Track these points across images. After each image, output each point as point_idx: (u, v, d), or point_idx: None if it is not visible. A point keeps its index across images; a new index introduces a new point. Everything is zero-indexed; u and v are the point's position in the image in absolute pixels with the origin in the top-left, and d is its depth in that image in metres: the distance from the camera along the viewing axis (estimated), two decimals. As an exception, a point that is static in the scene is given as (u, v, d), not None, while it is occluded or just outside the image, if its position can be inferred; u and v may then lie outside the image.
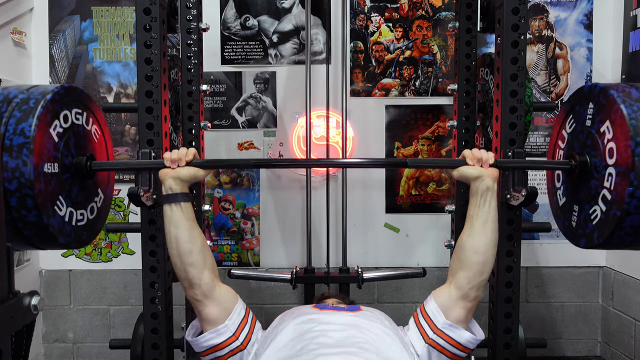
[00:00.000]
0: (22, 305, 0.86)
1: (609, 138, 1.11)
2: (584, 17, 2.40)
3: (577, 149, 1.25)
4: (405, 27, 2.42)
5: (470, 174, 1.25)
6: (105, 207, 1.38)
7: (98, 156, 1.32)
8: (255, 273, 2.22)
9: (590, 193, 1.17)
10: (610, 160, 1.10)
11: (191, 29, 1.93)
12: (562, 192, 1.34)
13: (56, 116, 1.13)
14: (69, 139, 1.19)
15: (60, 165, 1.14)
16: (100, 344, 2.49)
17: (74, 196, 1.20)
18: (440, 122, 2.43)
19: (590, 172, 1.18)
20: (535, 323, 2.49)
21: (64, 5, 2.39)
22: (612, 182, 1.09)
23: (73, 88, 1.22)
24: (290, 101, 2.43)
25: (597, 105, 1.16)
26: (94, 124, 1.31)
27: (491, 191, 1.24)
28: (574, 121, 1.28)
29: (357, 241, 2.44)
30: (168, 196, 1.24)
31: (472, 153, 1.27)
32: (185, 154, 1.26)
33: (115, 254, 2.48)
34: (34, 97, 1.09)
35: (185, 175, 1.25)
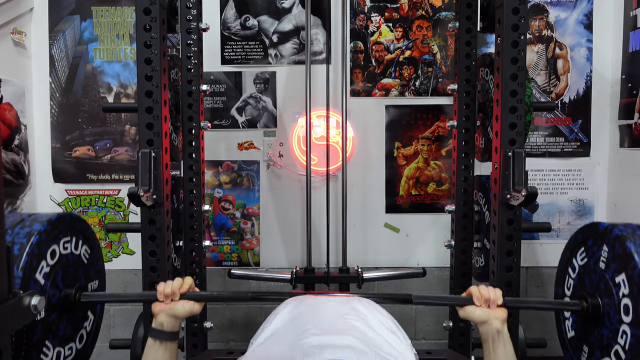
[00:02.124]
0: (22, 305, 0.85)
1: (625, 293, 1.05)
2: (584, 17, 2.40)
3: (588, 288, 1.20)
4: (405, 27, 2.42)
5: (477, 317, 1.18)
6: (97, 328, 1.31)
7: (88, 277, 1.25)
8: (255, 273, 2.22)
9: (602, 341, 1.13)
10: (625, 317, 1.05)
11: (191, 29, 1.93)
12: (571, 325, 1.30)
13: (43, 257, 1.05)
14: (57, 274, 1.10)
15: (46, 307, 1.05)
16: (100, 344, 2.47)
17: (61, 333, 1.12)
18: (440, 122, 2.43)
19: (603, 319, 1.13)
20: (535, 323, 2.49)
21: (64, 5, 2.39)
22: (627, 342, 1.04)
23: (62, 217, 1.14)
24: (290, 101, 2.43)
25: (613, 252, 1.11)
26: (83, 245, 1.23)
27: (502, 334, 1.16)
28: (586, 256, 1.23)
29: (357, 241, 2.44)
30: (157, 332, 1.17)
31: (480, 292, 1.19)
32: (179, 287, 1.19)
33: (115, 254, 2.48)
34: (18, 241, 1.00)
35: (180, 311, 1.18)
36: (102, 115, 2.41)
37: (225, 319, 2.50)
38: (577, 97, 2.42)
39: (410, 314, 2.49)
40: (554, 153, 2.44)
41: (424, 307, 2.49)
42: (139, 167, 1.40)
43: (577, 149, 2.43)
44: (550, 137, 2.44)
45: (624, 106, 2.30)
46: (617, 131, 2.35)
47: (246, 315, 2.49)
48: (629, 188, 2.29)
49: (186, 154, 1.97)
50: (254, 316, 2.47)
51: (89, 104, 2.41)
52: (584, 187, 2.45)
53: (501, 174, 1.43)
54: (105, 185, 2.45)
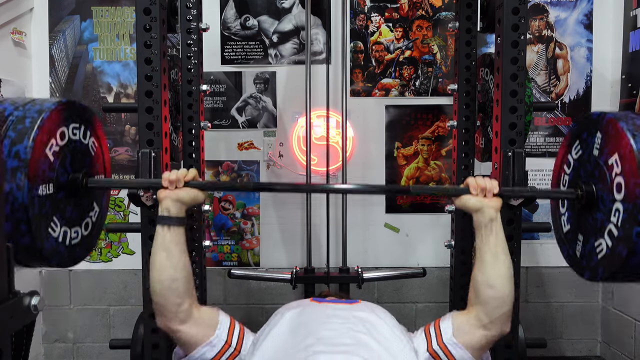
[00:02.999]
0: (22, 305, 0.86)
1: (617, 172, 1.07)
2: (584, 17, 2.40)
3: (583, 178, 1.22)
4: (405, 27, 2.42)
5: (472, 204, 1.21)
6: (101, 220, 1.34)
7: (95, 170, 1.28)
8: (255, 273, 2.22)
9: (595, 225, 1.15)
10: (618, 195, 1.07)
11: (191, 29, 1.93)
12: (567, 219, 1.31)
13: (53, 135, 1.09)
14: (65, 156, 1.14)
15: (55, 184, 1.10)
16: (100, 344, 2.49)
17: (68, 214, 1.16)
18: (440, 122, 2.44)
19: (597, 203, 1.15)
20: (535, 323, 2.49)
21: (64, 5, 2.39)
22: (619, 219, 1.06)
23: (71, 102, 1.18)
24: (290, 101, 2.43)
25: (606, 136, 1.13)
26: (91, 137, 1.27)
27: (495, 222, 1.19)
28: (580, 148, 1.24)
29: (357, 241, 2.44)
30: (163, 218, 1.20)
31: (476, 181, 1.22)
32: (184, 175, 1.22)
33: (115, 254, 2.48)
34: (29, 115, 1.04)
35: (185, 197, 1.21)
36: (102, 115, 2.41)
37: (225, 319, 2.50)
38: (577, 97, 2.43)
39: (411, 314, 2.50)
40: (554, 153, 2.44)
41: (424, 307, 2.49)
42: (139, 167, 1.40)
43: (577, 149, 2.43)
44: (550, 137, 2.44)
45: (624, 106, 2.30)
46: (617, 131, 2.35)
47: (246, 316, 2.49)
48: (629, 188, 2.29)
49: (186, 154, 1.97)
50: (255, 316, 2.47)
51: (89, 104, 2.41)
52: (584, 187, 2.45)
53: (501, 174, 1.43)
54: (105, 185, 2.45)
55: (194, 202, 1.23)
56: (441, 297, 2.43)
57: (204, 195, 1.25)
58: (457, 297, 1.94)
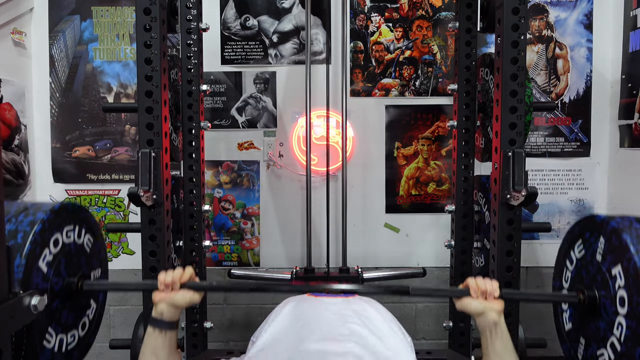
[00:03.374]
0: (22, 305, 0.85)
1: (621, 285, 1.06)
2: (584, 17, 2.40)
3: (585, 280, 1.21)
4: (405, 27, 2.42)
5: (473, 308, 1.19)
6: (98, 316, 1.32)
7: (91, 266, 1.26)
8: (255, 273, 2.22)
9: (598, 334, 1.14)
10: (621, 309, 1.06)
11: (191, 29, 1.93)
12: (569, 317, 1.30)
13: (46, 245, 1.06)
14: (60, 262, 1.11)
15: (49, 295, 1.06)
16: (100, 344, 2.48)
17: (63, 320, 1.13)
18: (440, 122, 2.43)
19: (599, 311, 1.14)
20: (535, 323, 2.49)
21: (64, 5, 2.39)
22: (622, 334, 1.05)
23: (64, 207, 1.14)
24: (290, 101, 2.43)
25: (609, 244, 1.12)
26: (86, 234, 1.24)
27: (499, 325, 1.17)
28: (583, 248, 1.24)
29: (357, 241, 2.43)
30: (156, 321, 1.19)
31: (477, 284, 1.20)
32: (180, 277, 1.20)
33: (115, 254, 2.48)
34: (22, 229, 1.01)
35: (181, 301, 1.19)
36: (102, 115, 2.41)
37: (225, 319, 2.50)
38: (577, 97, 2.42)
39: (410, 314, 2.50)
40: (554, 153, 2.44)
41: (424, 307, 2.49)
42: (139, 167, 1.40)
43: (577, 149, 2.43)
44: (550, 137, 2.44)
45: (624, 106, 2.30)
46: (617, 131, 2.35)
47: (246, 315, 2.49)
48: (629, 188, 2.29)
49: (186, 154, 1.97)
50: (254, 316, 2.47)
51: (89, 104, 2.41)
52: (584, 187, 2.45)
53: (501, 174, 1.43)
54: (105, 185, 2.45)
55: (190, 304, 1.21)
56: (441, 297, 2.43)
57: (199, 297, 1.23)
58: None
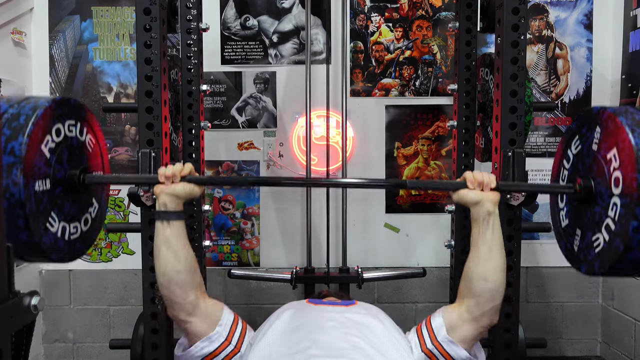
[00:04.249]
0: (22, 305, 0.86)
1: (616, 167, 1.07)
2: (584, 17, 2.40)
3: (582, 172, 1.22)
4: (405, 27, 2.42)
5: (470, 198, 1.22)
6: (101, 216, 1.34)
7: (92, 166, 1.29)
8: (255, 273, 2.22)
9: (594, 219, 1.15)
10: (615, 189, 1.07)
11: (191, 29, 1.93)
12: (565, 214, 1.31)
13: (48, 131, 1.09)
14: (62, 152, 1.15)
15: (52, 180, 1.10)
16: (100, 344, 2.49)
17: (66, 210, 1.17)
18: (440, 122, 2.44)
19: (595, 198, 1.15)
20: (535, 323, 2.49)
21: (64, 5, 2.39)
22: (617, 213, 1.06)
23: (66, 100, 1.18)
24: (290, 101, 2.43)
25: (605, 131, 1.13)
26: (88, 134, 1.27)
27: (493, 215, 1.20)
28: (580, 143, 1.24)
29: (357, 241, 2.43)
30: (161, 213, 1.22)
31: (473, 176, 1.23)
32: (180, 170, 1.24)
33: (115, 254, 2.48)
34: (24, 112, 1.04)
35: (181, 192, 1.23)
36: (102, 115, 2.41)
37: (225, 319, 2.50)
38: (577, 97, 2.43)
39: (410, 314, 2.50)
40: (554, 153, 2.42)
41: (424, 307, 2.49)
42: (139, 167, 1.40)
43: (577, 149, 2.43)
44: (550, 137, 2.44)
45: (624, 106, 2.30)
46: (617, 131, 2.35)
47: (246, 316, 2.48)
48: (629, 188, 2.29)
49: (186, 154, 1.97)
50: (254, 316, 2.47)
51: (89, 104, 2.41)
52: (584, 187, 2.45)
53: (501, 174, 1.43)
54: (105, 185, 2.45)
55: (190, 196, 1.25)
56: (441, 297, 2.43)
57: (199, 190, 1.27)
58: (457, 297, 1.94)
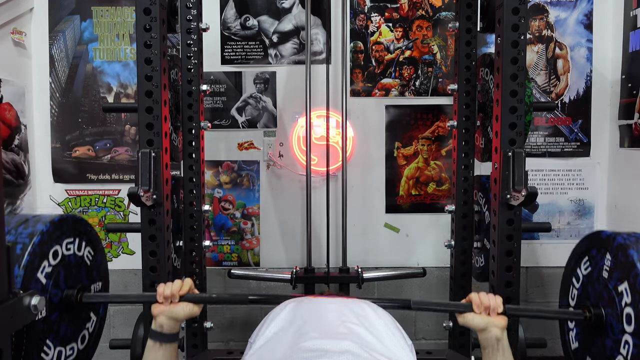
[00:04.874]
0: (22, 305, 0.85)
1: (627, 302, 1.06)
2: (584, 17, 2.40)
3: (592, 298, 1.20)
4: (405, 27, 2.42)
5: (476, 324, 1.18)
6: (98, 329, 1.31)
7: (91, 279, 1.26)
8: (255, 273, 2.22)
9: (605, 352, 1.13)
10: (627, 327, 1.05)
11: (191, 29, 1.93)
12: (575, 336, 1.30)
13: (45, 257, 1.07)
14: (59, 274, 1.12)
15: (47, 307, 1.07)
16: (101, 344, 2.47)
17: (62, 333, 1.13)
18: (440, 122, 2.43)
19: (606, 329, 1.14)
20: (535, 323, 2.49)
21: (64, 5, 2.39)
22: (629, 353, 1.04)
23: (63, 220, 1.15)
24: (290, 101, 2.43)
25: (616, 261, 1.11)
26: (86, 247, 1.25)
27: (501, 341, 1.17)
28: (590, 266, 1.23)
29: (357, 241, 2.44)
30: (156, 333, 1.19)
31: (480, 299, 1.19)
32: (179, 289, 1.20)
33: (115, 254, 2.48)
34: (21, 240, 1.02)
35: (180, 313, 1.20)
36: (102, 115, 2.41)
37: (225, 319, 2.50)
38: (577, 97, 2.42)
39: (410, 314, 2.49)
40: (554, 153, 2.44)
41: (424, 307, 2.48)
42: (139, 167, 1.40)
43: (577, 149, 2.43)
44: (550, 137, 2.44)
45: (624, 106, 2.30)
46: (617, 131, 2.35)
47: (246, 315, 2.49)
48: (629, 188, 2.29)
49: (186, 154, 1.97)
50: (254, 316, 2.47)
51: (89, 104, 2.41)
52: (584, 187, 2.45)
53: (501, 174, 1.43)
54: (105, 185, 2.45)
55: (189, 316, 1.22)
56: (441, 297, 2.43)
57: (199, 309, 1.23)
58: (457, 297, 1.94)
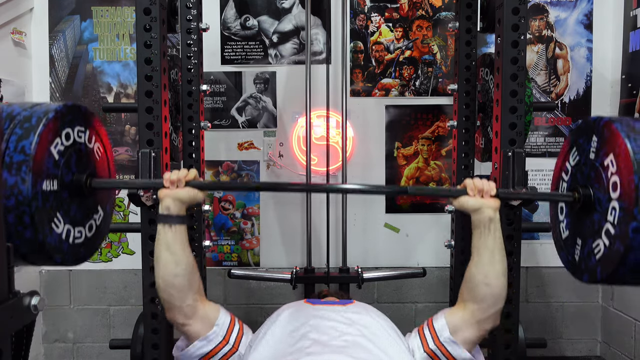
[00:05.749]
0: (22, 305, 0.86)
1: (613, 171, 1.08)
2: (584, 17, 2.40)
3: (580, 182, 1.22)
4: (405, 27, 2.42)
5: (470, 205, 1.23)
6: (105, 224, 1.34)
7: (99, 173, 1.30)
8: (255, 273, 2.22)
9: (593, 227, 1.15)
10: (613, 194, 1.08)
11: (191, 29, 1.93)
12: (566, 226, 1.31)
13: (58, 134, 1.12)
14: (70, 156, 1.17)
15: (59, 182, 1.13)
16: (100, 344, 2.49)
17: (72, 214, 1.18)
18: (440, 122, 2.44)
19: (594, 205, 1.15)
20: (535, 323, 2.49)
21: (64, 5, 2.39)
22: (616, 217, 1.06)
23: (76, 106, 1.21)
24: (290, 101, 2.43)
25: (601, 139, 1.14)
26: (96, 142, 1.29)
27: (494, 222, 1.22)
28: (577, 154, 1.25)
29: (357, 241, 2.44)
30: (163, 216, 1.22)
31: (474, 183, 1.24)
32: (185, 175, 1.24)
33: (115, 254, 2.48)
34: (36, 115, 1.08)
35: (184, 196, 1.23)
36: (102, 115, 2.41)
37: (225, 319, 2.50)
38: (577, 97, 2.43)
39: (410, 314, 2.50)
40: (554, 153, 2.44)
41: (424, 307, 2.49)
42: (139, 167, 1.41)
43: (577, 149, 2.43)
44: (550, 137, 2.44)
45: (624, 106, 2.30)
46: (617, 131, 2.35)
47: (246, 315, 2.49)
48: (629, 188, 2.29)
49: (186, 154, 1.97)
50: (254, 316, 2.47)
51: (89, 104, 2.41)
52: (584, 187, 2.45)
53: (501, 174, 1.43)
54: (105, 185, 2.45)
55: (194, 201, 1.26)
56: (441, 297, 2.43)
57: (203, 195, 1.27)
58: (457, 297, 1.94)
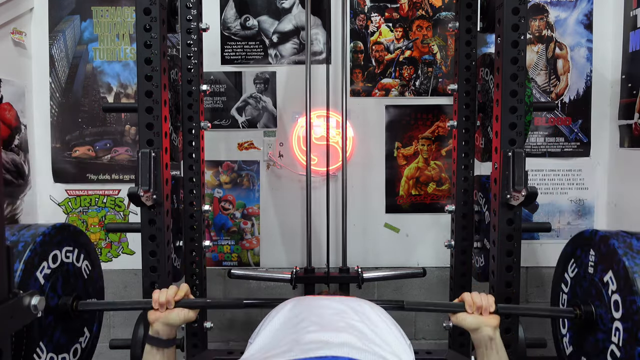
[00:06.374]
0: (22, 305, 0.85)
1: (613, 289, 1.07)
2: (584, 17, 2.40)
3: (580, 297, 1.21)
4: (405, 27, 2.42)
5: (468, 323, 1.20)
6: (92, 346, 1.33)
7: (87, 293, 1.27)
8: (255, 273, 2.22)
9: (597, 346, 1.14)
10: (616, 313, 1.06)
11: (191, 29, 1.93)
12: (569, 341, 1.30)
13: (44, 258, 1.10)
14: (57, 279, 1.15)
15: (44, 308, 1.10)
16: (100, 344, 2.47)
17: (56, 339, 1.15)
18: (440, 122, 2.43)
19: (596, 323, 1.14)
20: (535, 323, 2.49)
21: (64, 5, 2.39)
22: (620, 339, 1.05)
23: (65, 227, 1.18)
24: (290, 101, 2.43)
25: (599, 254, 1.14)
26: (85, 260, 1.27)
27: (495, 340, 1.17)
28: (576, 266, 1.25)
29: (357, 241, 2.44)
30: (153, 339, 1.21)
31: (472, 299, 1.21)
32: (174, 295, 1.21)
33: (115, 254, 2.48)
34: (23, 239, 1.06)
35: (175, 320, 1.21)
36: (102, 115, 2.41)
37: (225, 318, 2.51)
38: (577, 97, 2.42)
39: (411, 314, 2.49)
40: (554, 153, 2.44)
41: (424, 307, 2.48)
42: (139, 167, 1.41)
43: (577, 149, 2.43)
44: (550, 137, 2.44)
45: (624, 106, 2.30)
46: (617, 131, 2.35)
47: (246, 315, 2.49)
48: (629, 188, 2.29)
49: (186, 154, 1.97)
50: (254, 316, 2.47)
51: (89, 104, 2.41)
52: (584, 187, 2.45)
53: (501, 174, 1.43)
54: (105, 185, 2.45)
55: (185, 322, 1.23)
56: (441, 297, 2.43)
57: (194, 314, 1.24)
58: (457, 297, 1.93)
